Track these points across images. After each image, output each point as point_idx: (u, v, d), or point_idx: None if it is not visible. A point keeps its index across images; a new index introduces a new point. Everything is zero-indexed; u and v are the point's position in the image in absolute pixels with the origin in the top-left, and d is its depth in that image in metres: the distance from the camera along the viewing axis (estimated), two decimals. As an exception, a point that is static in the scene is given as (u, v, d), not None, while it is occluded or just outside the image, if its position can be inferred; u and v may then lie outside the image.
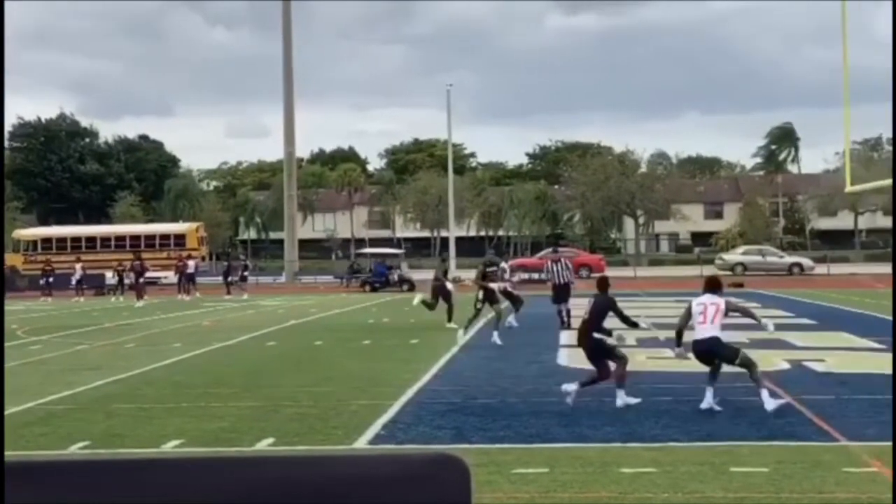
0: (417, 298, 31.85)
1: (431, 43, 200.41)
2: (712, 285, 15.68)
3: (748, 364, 15.00)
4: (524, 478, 10.64)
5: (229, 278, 56.99)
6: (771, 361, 19.98)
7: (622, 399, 15.09)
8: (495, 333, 24.96)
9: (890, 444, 12.08)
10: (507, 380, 18.42)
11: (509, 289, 30.30)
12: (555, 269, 29.96)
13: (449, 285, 30.91)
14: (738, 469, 10.84)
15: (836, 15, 37.35)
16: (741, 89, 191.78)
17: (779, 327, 28.23)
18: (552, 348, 23.60)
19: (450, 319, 29.90)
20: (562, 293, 29.70)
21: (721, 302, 15.14)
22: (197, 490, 3.51)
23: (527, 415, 14.54)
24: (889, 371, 18.85)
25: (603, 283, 16.37)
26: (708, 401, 14.87)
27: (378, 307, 42.00)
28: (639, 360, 20.90)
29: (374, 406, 15.39)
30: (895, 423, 12.06)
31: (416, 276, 59.42)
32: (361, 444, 12.73)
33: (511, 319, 28.79)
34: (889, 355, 21.61)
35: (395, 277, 58.98)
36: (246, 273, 58.41)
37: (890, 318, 31.47)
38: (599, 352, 15.64)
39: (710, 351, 15.06)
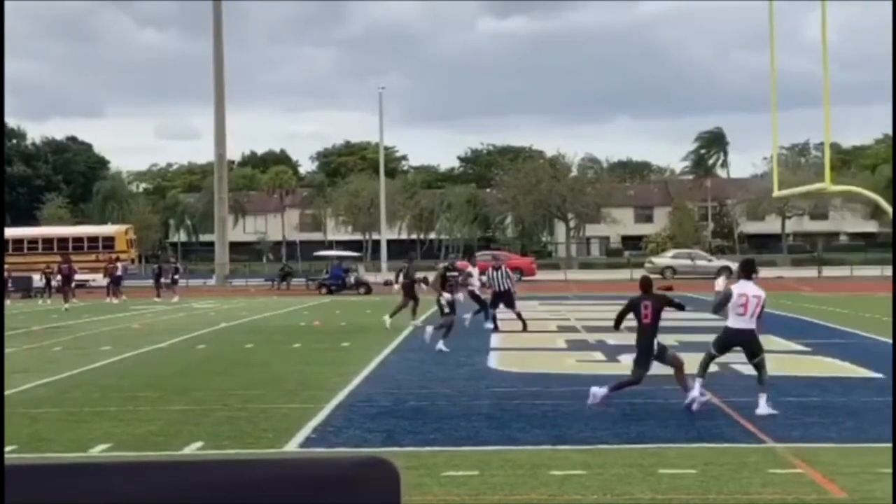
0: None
1: (363, 46, 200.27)
2: (748, 271, 15.79)
3: (762, 366, 15.19)
4: (454, 480, 10.67)
5: (162, 280, 56.44)
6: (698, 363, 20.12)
7: (698, 391, 15.29)
8: (441, 341, 24.33)
9: (815, 445, 12.26)
10: (438, 383, 18.45)
11: (477, 292, 30.56)
12: (496, 276, 30.01)
13: (423, 286, 31.10)
14: (666, 471, 10.94)
15: (765, 20, 37.79)
16: (671, 94, 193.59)
17: (707, 330, 28.61)
18: (483, 352, 23.64)
19: (392, 315, 30.38)
20: (500, 300, 29.81)
21: (763, 296, 15.25)
22: (124, 494, 3.50)
23: (457, 417, 14.57)
24: (815, 373, 19.12)
25: (647, 284, 16.21)
26: (698, 391, 15.08)
27: (309, 310, 41.86)
28: (568, 364, 21.06)
29: (304, 409, 15.36)
30: (895, 424, 12.17)
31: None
32: (292, 447, 12.69)
33: (466, 317, 28.97)
34: (815, 357, 21.93)
35: (352, 280, 58.94)
36: (177, 276, 57.98)
37: (815, 320, 31.90)
38: (653, 355, 15.57)
39: (744, 342, 15.21)
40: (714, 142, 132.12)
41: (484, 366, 21.08)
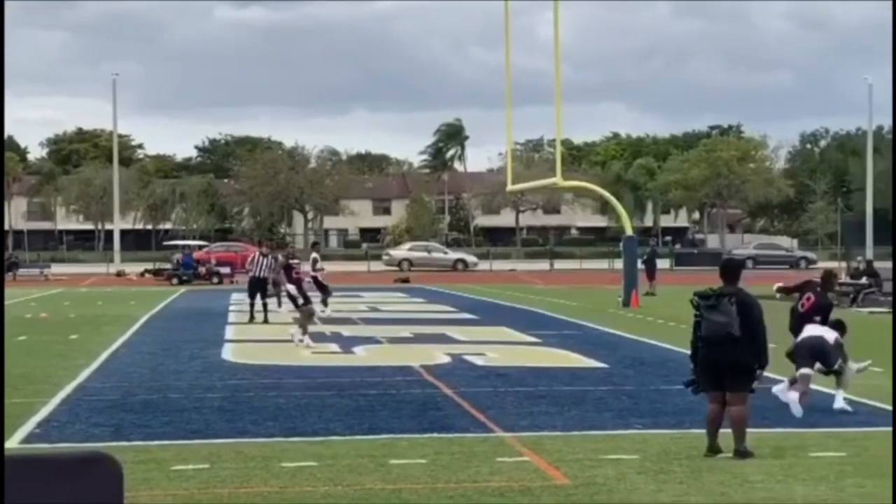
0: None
1: (96, 31, 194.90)
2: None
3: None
4: (183, 474, 10.51)
5: None
6: (432, 355, 20.42)
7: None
8: (306, 337, 23.26)
9: (541, 434, 12.59)
10: (170, 375, 18.14)
11: (320, 278, 30.22)
12: (263, 262, 29.38)
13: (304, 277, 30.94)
14: (396, 461, 11.04)
15: (501, 17, 38.59)
16: (408, 88, 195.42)
17: (441, 322, 29.06)
18: (218, 344, 23.34)
19: (324, 305, 30.23)
20: (257, 287, 29.32)
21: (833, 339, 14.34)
22: None
23: (189, 410, 14.36)
24: (544, 364, 19.60)
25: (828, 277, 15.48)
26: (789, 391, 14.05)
27: (36, 301, 40.52)
28: (303, 356, 21.03)
29: (27, 404, 14.82)
30: (895, 421, 12.43)
31: (77, 269, 57.68)
32: (13, 444, 12.23)
33: (321, 308, 28.76)
34: (544, 349, 22.52)
35: (204, 270, 57.20)
36: None
37: (546, 312, 32.77)
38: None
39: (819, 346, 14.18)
40: (453, 136, 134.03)
41: (218, 358, 20.82)
